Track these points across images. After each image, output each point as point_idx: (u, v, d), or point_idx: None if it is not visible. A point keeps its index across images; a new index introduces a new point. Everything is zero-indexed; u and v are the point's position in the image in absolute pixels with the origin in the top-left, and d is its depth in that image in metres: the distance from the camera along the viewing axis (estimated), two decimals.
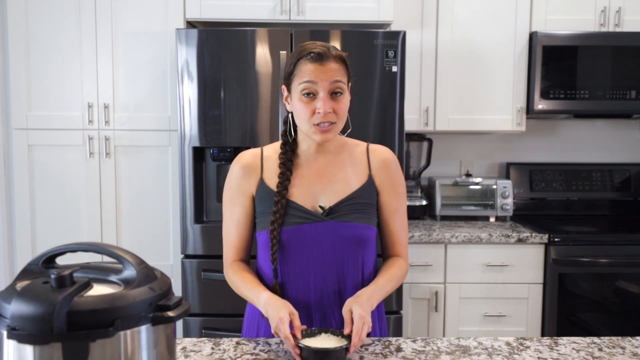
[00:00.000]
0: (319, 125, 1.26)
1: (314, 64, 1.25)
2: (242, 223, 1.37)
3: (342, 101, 1.28)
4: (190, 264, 2.41)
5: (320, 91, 1.25)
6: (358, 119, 2.32)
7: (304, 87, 1.25)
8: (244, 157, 1.39)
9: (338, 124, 1.28)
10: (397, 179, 1.39)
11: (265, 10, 2.52)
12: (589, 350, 1.22)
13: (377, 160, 1.38)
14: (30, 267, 0.80)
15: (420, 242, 2.56)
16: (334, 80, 1.25)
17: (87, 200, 2.60)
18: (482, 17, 2.76)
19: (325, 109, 1.24)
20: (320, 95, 1.25)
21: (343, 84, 1.27)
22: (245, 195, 1.36)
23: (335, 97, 1.26)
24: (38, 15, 2.53)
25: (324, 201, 1.33)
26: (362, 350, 1.20)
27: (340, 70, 1.27)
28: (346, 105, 1.29)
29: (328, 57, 1.26)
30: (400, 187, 1.39)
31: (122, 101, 2.56)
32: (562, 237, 2.56)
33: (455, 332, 2.59)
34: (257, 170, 1.36)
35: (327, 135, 1.27)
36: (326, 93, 1.25)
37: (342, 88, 1.27)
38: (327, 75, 1.24)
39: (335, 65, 1.26)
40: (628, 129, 3.21)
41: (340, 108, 1.27)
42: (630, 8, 2.77)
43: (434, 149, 3.09)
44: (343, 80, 1.27)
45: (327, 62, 1.25)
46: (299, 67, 1.27)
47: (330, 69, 1.25)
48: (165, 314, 0.76)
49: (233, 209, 1.37)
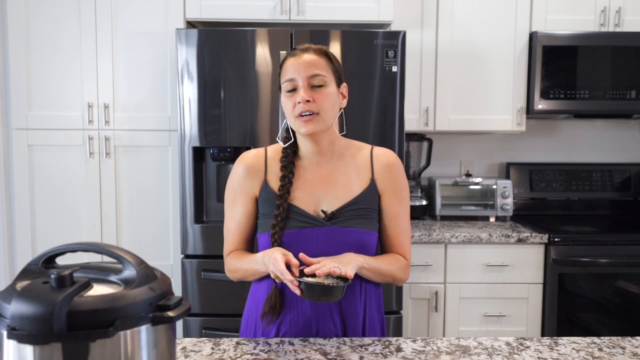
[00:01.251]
0: (301, 116, 1.28)
1: (292, 59, 1.30)
2: (244, 223, 1.38)
3: (323, 92, 1.29)
4: (190, 264, 2.41)
5: (299, 83, 1.29)
6: (358, 119, 2.32)
7: (286, 85, 1.30)
8: (248, 157, 1.39)
9: (321, 116, 1.29)
10: (400, 183, 1.38)
11: (265, 10, 2.52)
12: (589, 350, 1.22)
13: (381, 164, 1.37)
14: (30, 267, 0.80)
15: (420, 242, 2.56)
16: (312, 74, 1.28)
17: (87, 200, 2.60)
18: (482, 17, 2.77)
19: (303, 97, 1.27)
20: (300, 86, 1.28)
21: (324, 77, 1.29)
22: (248, 196, 1.37)
23: (316, 89, 1.29)
24: (38, 15, 2.53)
25: (326, 206, 1.33)
26: (362, 350, 1.20)
27: (320, 63, 1.30)
28: (328, 96, 1.30)
29: (307, 50, 1.31)
30: (403, 191, 1.38)
31: (122, 101, 2.56)
32: (562, 237, 2.56)
33: (455, 332, 2.59)
34: (261, 171, 1.36)
35: (309, 126, 1.28)
36: (305, 85, 1.28)
37: (324, 81, 1.30)
38: (304, 68, 1.28)
39: (314, 58, 1.30)
40: (628, 129, 3.21)
41: (321, 98, 1.28)
42: (630, 8, 2.77)
43: (434, 149, 3.09)
44: (323, 74, 1.30)
45: (305, 55, 1.30)
46: (283, 68, 1.33)
47: (308, 62, 1.29)
48: (165, 314, 0.76)
49: (235, 209, 1.38)
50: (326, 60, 1.31)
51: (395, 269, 1.35)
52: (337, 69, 1.33)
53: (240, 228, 1.38)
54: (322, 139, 1.34)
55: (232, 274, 1.39)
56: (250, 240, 1.41)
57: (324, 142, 1.34)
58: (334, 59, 1.34)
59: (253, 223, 1.39)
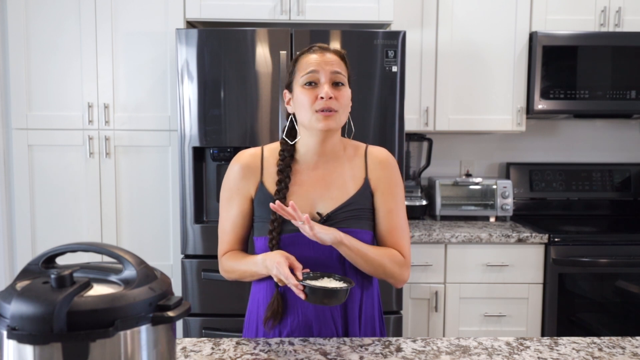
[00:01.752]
0: (322, 111, 1.27)
1: (315, 54, 1.30)
2: (239, 224, 1.38)
3: (344, 91, 1.31)
4: (190, 264, 2.41)
5: (322, 78, 1.28)
6: (358, 119, 2.32)
7: (307, 77, 1.29)
8: (244, 156, 1.39)
9: (340, 114, 1.29)
10: (394, 179, 1.37)
11: (265, 10, 2.52)
12: (589, 350, 1.22)
13: (374, 162, 1.37)
14: (30, 267, 0.80)
15: (420, 242, 2.56)
16: (335, 71, 1.29)
17: (87, 200, 2.60)
18: (482, 17, 2.76)
19: (327, 93, 1.26)
20: (322, 81, 1.28)
21: (344, 77, 1.31)
22: (244, 196, 1.36)
23: (337, 87, 1.29)
24: (38, 15, 2.53)
25: (322, 208, 1.32)
26: (362, 350, 1.20)
27: (341, 63, 1.32)
28: (348, 96, 1.32)
29: (328, 49, 1.32)
30: (396, 187, 1.37)
31: (122, 101, 2.56)
32: (562, 237, 2.56)
33: (455, 332, 2.59)
34: (257, 172, 1.36)
35: (329, 122, 1.28)
36: (328, 80, 1.28)
37: (343, 80, 1.31)
38: (328, 64, 1.29)
39: (335, 58, 1.31)
40: (628, 129, 3.21)
41: (342, 97, 1.30)
42: (630, 8, 2.77)
43: (434, 149, 3.09)
44: (343, 74, 1.31)
45: (329, 54, 1.31)
46: (300, 62, 1.32)
47: (331, 60, 1.30)
48: (165, 314, 0.76)
49: (230, 209, 1.37)
50: (344, 62, 1.33)
51: (387, 261, 1.31)
52: (350, 72, 1.35)
53: (236, 228, 1.38)
54: (330, 138, 1.33)
55: (228, 274, 1.38)
56: (244, 240, 1.41)
57: (329, 141, 1.33)
58: (348, 63, 1.36)
59: (248, 223, 1.38)
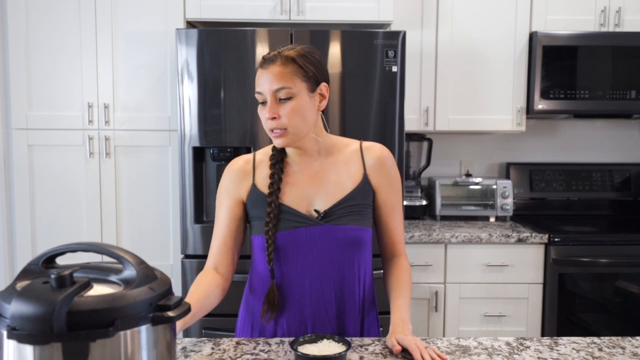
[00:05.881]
0: (272, 132, 1.27)
1: (261, 71, 1.27)
2: (226, 226, 1.34)
3: (290, 106, 1.24)
4: (190, 264, 2.41)
5: (267, 97, 1.26)
6: (358, 119, 2.32)
7: (257, 97, 1.28)
8: (236, 163, 1.39)
9: (290, 131, 1.26)
10: (393, 175, 1.38)
11: (265, 10, 2.52)
12: (589, 350, 1.22)
13: (372, 159, 1.36)
14: (30, 267, 0.80)
15: (420, 242, 2.56)
16: (277, 88, 1.23)
17: (87, 200, 2.60)
18: (482, 17, 2.77)
19: (269, 115, 1.25)
20: (268, 101, 1.26)
21: (289, 90, 1.23)
22: (234, 199, 1.35)
23: (283, 103, 1.25)
24: (38, 15, 2.53)
25: (319, 205, 1.32)
26: (362, 350, 1.20)
27: (286, 74, 1.24)
28: (295, 110, 1.24)
29: (274, 61, 1.25)
30: (397, 183, 1.38)
31: (122, 101, 2.56)
32: (562, 237, 2.56)
33: (455, 332, 2.59)
34: (249, 175, 1.36)
35: (280, 140, 1.27)
36: (271, 99, 1.25)
37: (290, 93, 1.24)
38: (270, 82, 1.24)
39: (279, 69, 1.24)
40: (628, 129, 3.22)
41: (288, 114, 1.24)
42: (630, 8, 2.77)
43: (434, 149, 3.09)
44: (289, 86, 1.23)
45: (272, 67, 1.24)
46: (256, 78, 1.29)
47: (274, 75, 1.24)
48: (165, 314, 0.76)
49: (219, 213, 1.36)
50: (295, 68, 1.24)
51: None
52: (309, 73, 1.26)
53: (223, 232, 1.34)
54: (303, 144, 1.32)
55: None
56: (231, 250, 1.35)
57: (305, 146, 1.32)
58: (305, 63, 1.26)
59: (237, 229, 1.35)
